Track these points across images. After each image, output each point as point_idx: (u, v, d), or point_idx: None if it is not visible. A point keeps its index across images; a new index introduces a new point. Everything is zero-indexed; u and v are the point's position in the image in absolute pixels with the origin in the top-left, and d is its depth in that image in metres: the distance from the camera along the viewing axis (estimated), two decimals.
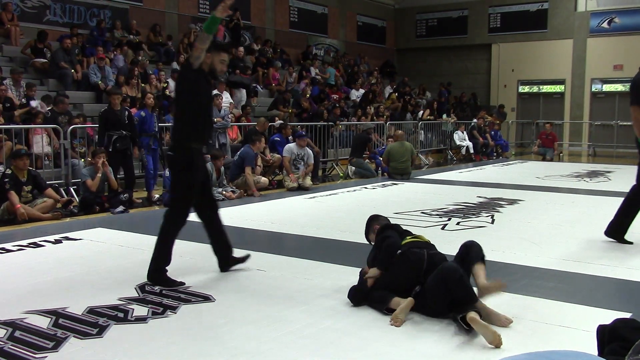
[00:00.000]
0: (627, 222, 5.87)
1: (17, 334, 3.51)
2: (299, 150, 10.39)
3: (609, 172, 12.37)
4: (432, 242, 4.13)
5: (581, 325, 3.58)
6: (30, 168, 8.01)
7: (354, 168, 12.45)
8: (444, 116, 18.29)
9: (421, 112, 18.12)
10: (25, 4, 13.44)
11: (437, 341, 3.38)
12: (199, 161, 4.57)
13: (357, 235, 6.36)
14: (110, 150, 8.53)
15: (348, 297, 4.01)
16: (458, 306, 3.48)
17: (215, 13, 4.30)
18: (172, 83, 13.31)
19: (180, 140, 4.51)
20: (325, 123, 13.50)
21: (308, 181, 10.22)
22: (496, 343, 3.26)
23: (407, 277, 3.80)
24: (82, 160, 9.49)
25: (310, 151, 10.67)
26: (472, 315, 3.35)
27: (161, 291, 4.33)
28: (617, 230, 5.91)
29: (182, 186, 4.54)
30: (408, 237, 4.10)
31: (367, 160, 12.90)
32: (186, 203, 4.56)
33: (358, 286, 4.04)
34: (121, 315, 3.84)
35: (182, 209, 4.57)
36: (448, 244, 4.25)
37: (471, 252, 3.82)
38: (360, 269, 4.34)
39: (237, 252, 5.57)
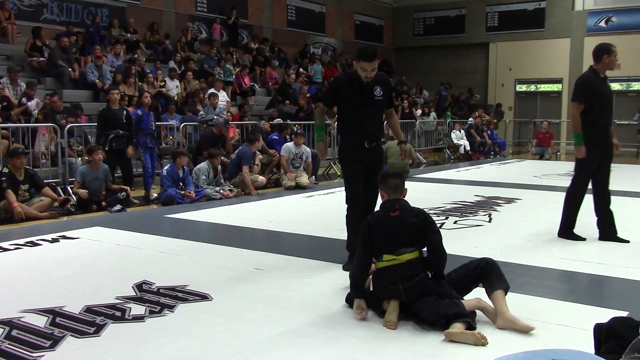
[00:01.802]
0: (574, 215, 6.02)
1: (14, 332, 3.50)
2: (297, 149, 10.39)
3: None
4: (413, 259, 3.72)
5: (578, 323, 3.59)
6: (27, 167, 8.00)
7: None
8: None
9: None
10: (22, 2, 13.41)
11: (435, 340, 3.38)
12: (357, 155, 4.86)
13: None
14: (107, 149, 8.53)
15: (346, 301, 3.99)
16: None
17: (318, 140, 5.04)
18: (169, 82, 13.31)
19: (340, 138, 5.05)
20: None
21: (305, 180, 10.22)
22: (480, 343, 3.26)
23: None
24: (80, 159, 9.48)
25: (308, 149, 10.68)
26: (447, 331, 3.34)
27: (159, 290, 4.32)
28: (566, 228, 6.06)
29: (345, 177, 5.03)
30: (385, 258, 3.73)
31: None
32: (351, 192, 4.92)
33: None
34: (118, 314, 3.83)
35: (350, 198, 4.94)
36: (446, 242, 4.24)
37: (492, 277, 3.63)
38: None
39: (233, 251, 5.59)
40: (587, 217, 6.11)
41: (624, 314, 3.59)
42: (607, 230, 5.96)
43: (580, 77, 5.90)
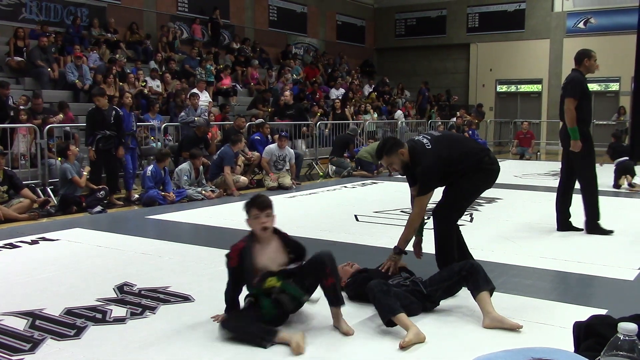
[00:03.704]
0: (597, 208, 6.25)
1: None
2: (279, 152, 10.34)
3: None
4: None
5: (558, 321, 3.62)
6: (6, 168, 7.91)
7: (334, 167, 12.47)
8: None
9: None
10: (1, 1, 13.24)
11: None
12: None
13: (338, 234, 6.38)
14: (94, 150, 8.46)
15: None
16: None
17: None
18: (150, 82, 13.22)
19: None
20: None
21: (288, 181, 10.20)
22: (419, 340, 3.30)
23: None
24: (59, 159, 9.39)
25: (292, 151, 10.64)
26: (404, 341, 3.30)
27: (140, 291, 4.30)
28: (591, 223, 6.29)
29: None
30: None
31: (347, 160, 12.92)
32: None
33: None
34: (99, 316, 3.80)
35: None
36: (427, 242, 4.27)
37: (477, 279, 3.65)
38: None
39: (215, 252, 5.57)
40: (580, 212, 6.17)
41: (603, 312, 3.63)
42: (565, 223, 6.37)
43: (572, 76, 6.09)
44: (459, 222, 4.56)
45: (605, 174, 9.60)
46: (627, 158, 10.03)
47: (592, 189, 6.20)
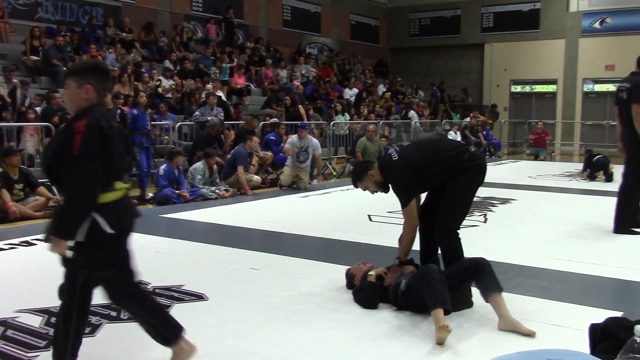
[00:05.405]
0: (630, 209, 6.31)
1: (9, 332, 3.50)
2: (301, 142, 10.20)
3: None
4: None
5: (573, 324, 3.60)
6: (22, 166, 7.98)
7: (352, 167, 12.42)
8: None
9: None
10: (17, 1, 13.36)
11: (421, 339, 3.40)
12: None
13: (351, 233, 6.38)
14: None
15: (356, 302, 4.01)
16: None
17: None
18: (164, 81, 13.28)
19: None
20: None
21: (303, 184, 10.09)
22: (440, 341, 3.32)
23: None
24: None
25: (315, 140, 10.47)
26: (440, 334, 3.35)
27: (154, 290, 4.32)
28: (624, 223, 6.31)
29: None
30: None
31: None
32: None
33: (365, 292, 3.99)
34: (114, 314, 3.82)
35: None
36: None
37: (486, 279, 3.64)
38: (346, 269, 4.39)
39: (229, 251, 5.58)
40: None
41: (619, 314, 3.60)
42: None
43: (637, 80, 6.05)
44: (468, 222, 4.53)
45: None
46: (602, 155, 11.72)
47: (632, 192, 6.24)
